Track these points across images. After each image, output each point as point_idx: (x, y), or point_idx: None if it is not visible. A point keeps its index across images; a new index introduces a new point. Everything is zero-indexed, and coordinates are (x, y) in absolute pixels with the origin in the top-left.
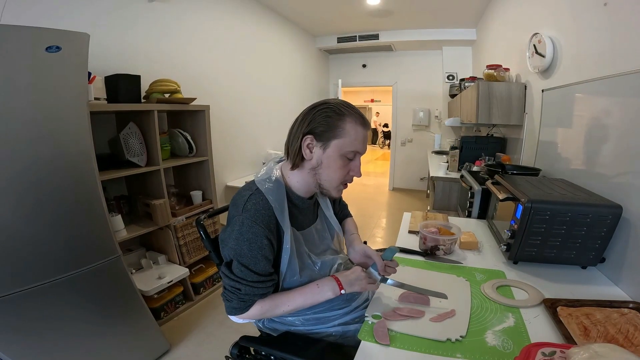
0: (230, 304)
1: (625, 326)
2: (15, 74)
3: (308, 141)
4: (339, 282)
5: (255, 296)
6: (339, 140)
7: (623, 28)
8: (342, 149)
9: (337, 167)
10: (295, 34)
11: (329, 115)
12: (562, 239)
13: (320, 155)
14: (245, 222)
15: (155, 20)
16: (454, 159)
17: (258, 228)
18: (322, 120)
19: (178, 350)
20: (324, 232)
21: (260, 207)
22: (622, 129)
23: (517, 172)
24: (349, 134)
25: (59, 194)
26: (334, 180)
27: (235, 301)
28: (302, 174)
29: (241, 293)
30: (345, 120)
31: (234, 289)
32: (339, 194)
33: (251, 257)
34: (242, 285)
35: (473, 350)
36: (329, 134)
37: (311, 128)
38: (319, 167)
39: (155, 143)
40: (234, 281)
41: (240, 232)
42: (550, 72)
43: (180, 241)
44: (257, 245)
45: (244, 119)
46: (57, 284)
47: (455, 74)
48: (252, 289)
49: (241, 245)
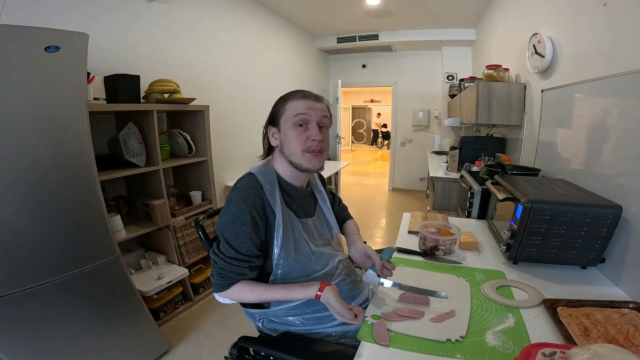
0: (214, 280)
1: (626, 326)
2: (14, 74)
3: (272, 131)
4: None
5: (231, 273)
6: (284, 117)
7: (622, 28)
8: (289, 121)
9: (292, 137)
10: (294, 34)
11: (276, 103)
12: (562, 239)
13: (279, 137)
14: (234, 199)
15: (155, 20)
16: (453, 159)
17: (243, 204)
18: (272, 111)
19: (177, 350)
20: (322, 229)
21: (249, 185)
22: (622, 129)
23: (517, 172)
24: (289, 108)
25: (58, 194)
26: (295, 149)
27: (216, 277)
28: (279, 160)
29: (218, 267)
30: (287, 101)
31: (214, 262)
32: (311, 164)
33: (233, 230)
34: (220, 260)
35: (473, 351)
36: (278, 116)
37: (269, 120)
38: (283, 148)
39: (155, 143)
40: (215, 255)
41: (228, 207)
42: (550, 72)
43: (179, 241)
44: (240, 220)
45: (243, 119)
46: (56, 284)
47: (455, 74)
48: (227, 265)
49: (226, 219)
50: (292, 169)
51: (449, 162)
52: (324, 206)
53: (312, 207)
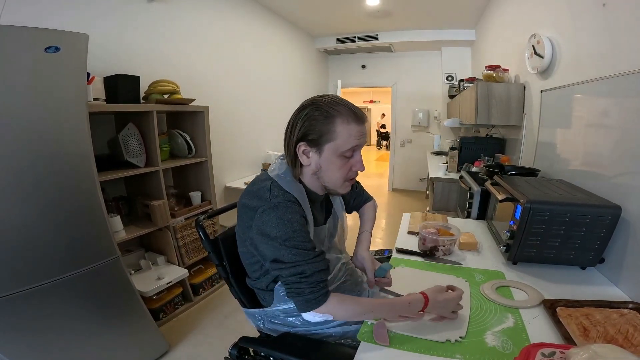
0: (303, 297)
1: (625, 327)
2: (14, 74)
3: (302, 148)
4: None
5: (320, 274)
6: (332, 143)
7: (622, 28)
8: (338, 150)
9: (336, 167)
10: (294, 35)
11: (316, 119)
12: (561, 239)
13: (317, 159)
14: (280, 206)
15: (155, 21)
16: (453, 160)
17: (294, 207)
18: (310, 126)
19: (177, 351)
20: (333, 229)
21: (287, 199)
22: (621, 129)
23: (516, 173)
24: (341, 135)
25: (57, 195)
26: (337, 180)
27: (308, 290)
28: (308, 176)
29: (306, 276)
30: (335, 122)
31: (298, 276)
32: (347, 190)
33: (299, 236)
34: (304, 266)
35: (473, 351)
36: (320, 139)
37: (302, 134)
38: (319, 171)
39: (155, 144)
40: (293, 267)
41: (279, 217)
42: (549, 72)
43: (179, 242)
44: (300, 223)
45: (243, 120)
46: (56, 284)
47: (455, 74)
48: (315, 265)
49: (285, 229)
50: (322, 186)
51: (449, 163)
52: (336, 203)
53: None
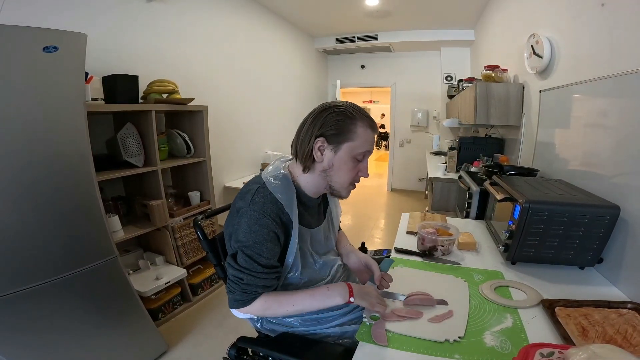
0: (233, 296)
1: (624, 326)
2: (12, 74)
3: (319, 143)
4: (350, 290)
5: (258, 287)
6: (351, 143)
7: (620, 28)
8: (354, 151)
9: (348, 168)
10: (293, 35)
11: (340, 118)
12: (559, 239)
13: (331, 157)
14: (253, 215)
15: (153, 21)
16: (452, 160)
17: (265, 220)
18: (334, 124)
19: (176, 351)
20: (329, 233)
21: (268, 200)
22: (620, 129)
23: (515, 173)
24: (360, 137)
25: (56, 195)
26: (345, 181)
27: (238, 292)
28: (313, 175)
29: (243, 283)
30: (357, 124)
31: (237, 278)
32: (348, 194)
33: (257, 248)
34: (245, 275)
35: (471, 351)
36: (340, 137)
37: (323, 131)
38: (330, 169)
39: (153, 144)
40: (238, 270)
41: (248, 224)
42: (548, 72)
43: (178, 242)
44: (264, 238)
45: (242, 120)
46: (55, 284)
47: (454, 74)
48: (255, 279)
49: (248, 237)
50: (323, 189)
51: (448, 163)
52: (334, 207)
53: (321, 211)
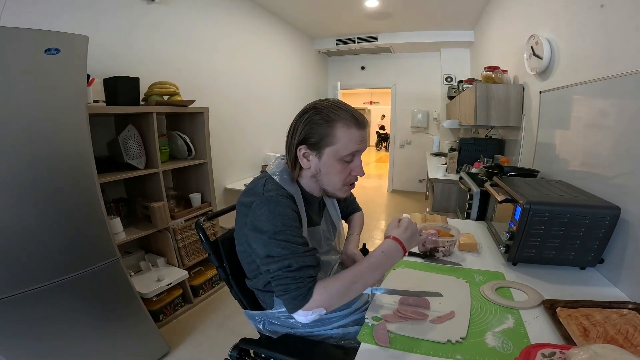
0: (290, 295)
1: (625, 327)
2: (14, 76)
3: (303, 151)
4: (401, 243)
5: (308, 269)
6: (332, 147)
7: (620, 29)
8: (338, 154)
9: (336, 171)
10: (293, 36)
11: (317, 123)
12: (560, 240)
13: (317, 163)
14: (272, 200)
15: (154, 23)
16: (452, 161)
17: (285, 201)
18: (310, 130)
19: (177, 352)
20: (328, 234)
21: (281, 193)
22: (620, 130)
23: (516, 174)
24: (340, 140)
25: (58, 197)
26: (336, 183)
27: (293, 287)
28: (307, 178)
29: (294, 270)
30: (335, 127)
31: (285, 268)
32: (346, 194)
33: (288, 230)
34: (290, 260)
35: (473, 352)
36: (320, 142)
37: (303, 137)
38: (318, 174)
39: (154, 145)
40: (281, 260)
41: (270, 211)
42: (548, 73)
43: (179, 244)
44: (290, 218)
45: (242, 122)
46: (56, 286)
47: (454, 75)
48: (302, 259)
49: (275, 222)
50: (318, 190)
51: (448, 164)
52: (331, 207)
53: (320, 212)
